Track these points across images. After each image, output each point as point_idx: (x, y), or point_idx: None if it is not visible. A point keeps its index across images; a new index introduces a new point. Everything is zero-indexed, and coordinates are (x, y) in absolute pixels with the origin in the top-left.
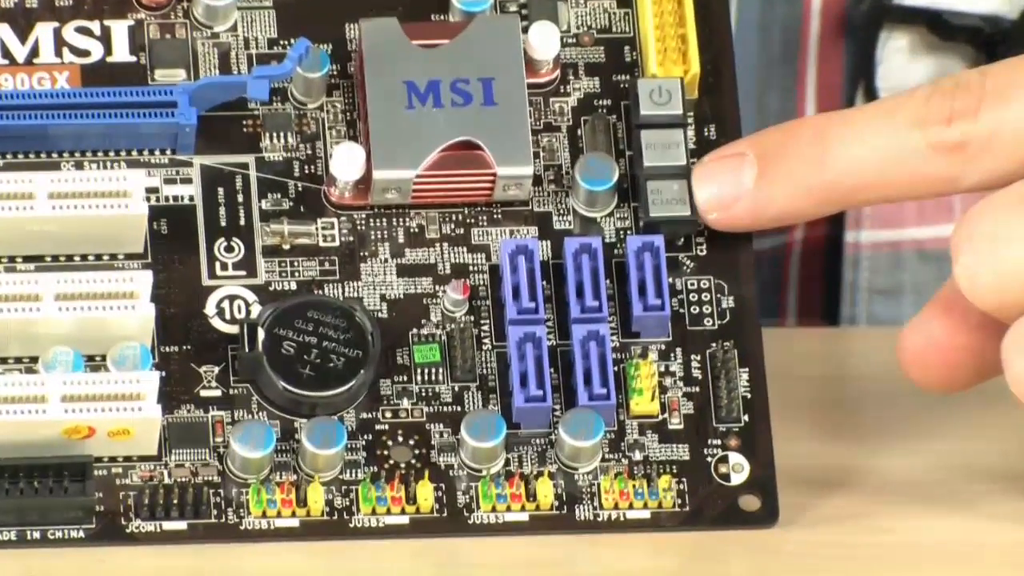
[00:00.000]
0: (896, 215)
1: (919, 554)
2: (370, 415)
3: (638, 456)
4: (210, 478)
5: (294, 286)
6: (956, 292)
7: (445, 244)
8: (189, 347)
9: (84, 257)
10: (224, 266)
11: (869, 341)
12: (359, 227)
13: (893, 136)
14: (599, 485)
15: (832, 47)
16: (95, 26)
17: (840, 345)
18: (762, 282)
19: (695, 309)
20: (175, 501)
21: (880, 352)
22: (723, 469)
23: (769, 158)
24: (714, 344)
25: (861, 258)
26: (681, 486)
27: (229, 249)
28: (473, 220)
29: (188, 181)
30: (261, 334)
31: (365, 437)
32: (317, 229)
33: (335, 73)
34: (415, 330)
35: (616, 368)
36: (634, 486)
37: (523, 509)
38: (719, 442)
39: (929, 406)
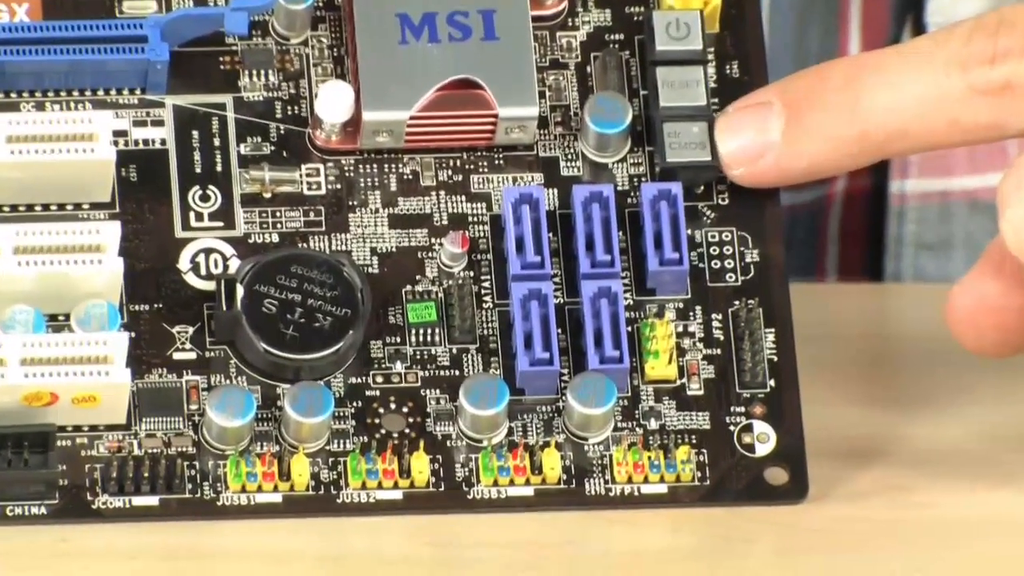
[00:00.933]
0: (945, 162)
1: (962, 530)
2: (360, 380)
3: (654, 425)
4: (184, 449)
5: (276, 238)
6: (1006, 248)
7: (442, 192)
8: (161, 305)
9: (46, 207)
10: (199, 216)
11: (909, 298)
12: (347, 173)
13: (931, 79)
14: (611, 457)
15: None
16: None
17: (877, 302)
18: (799, 238)
19: (716, 264)
20: (145, 474)
21: (921, 310)
22: (747, 439)
23: (797, 107)
24: (737, 302)
25: (907, 210)
26: (701, 458)
27: (205, 198)
28: (472, 166)
29: (159, 123)
30: (240, 291)
31: (354, 404)
32: (301, 176)
33: (321, 4)
34: (409, 287)
35: (630, 328)
36: (649, 458)
37: (528, 483)
38: (743, 409)
39: (973, 369)
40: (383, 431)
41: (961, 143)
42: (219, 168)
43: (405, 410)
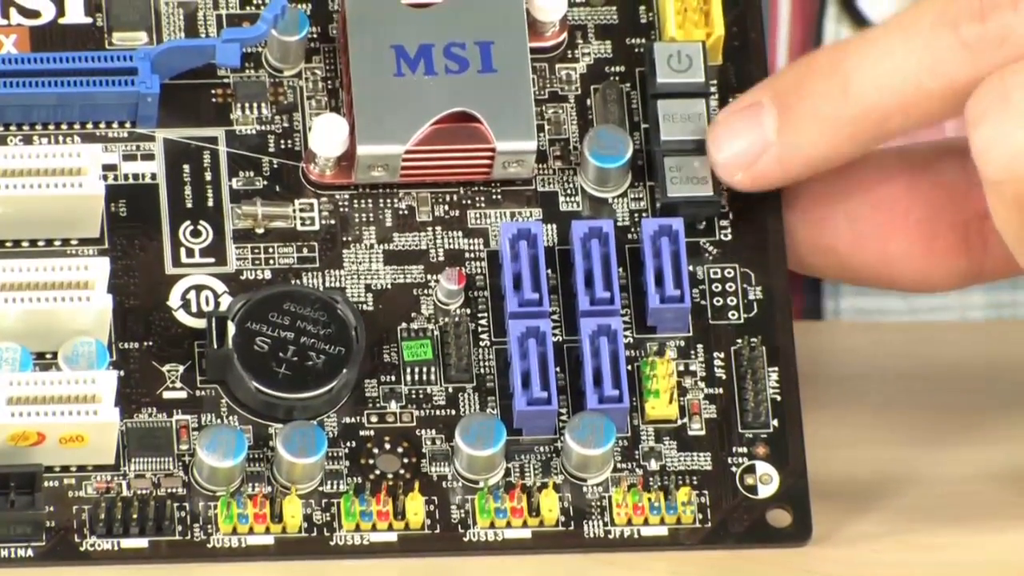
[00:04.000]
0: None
1: (969, 573)
2: (354, 419)
3: (654, 466)
4: (174, 490)
5: (268, 275)
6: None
7: (438, 228)
8: (151, 343)
9: (33, 242)
10: (190, 252)
11: (913, 335)
12: (342, 209)
13: (921, 43)
14: (610, 498)
15: None
16: None
17: (879, 340)
18: None
19: (718, 301)
20: (135, 516)
21: (926, 347)
22: (749, 480)
23: (787, 100)
24: (739, 340)
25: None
26: (702, 499)
27: (196, 233)
28: (469, 201)
29: (150, 157)
30: (231, 329)
31: (348, 444)
32: (294, 211)
33: (315, 36)
34: (404, 324)
35: (630, 367)
36: (650, 499)
37: (525, 525)
38: (745, 450)
39: (982, 407)
40: (377, 472)
41: (959, 110)
42: (210, 203)
43: (400, 450)
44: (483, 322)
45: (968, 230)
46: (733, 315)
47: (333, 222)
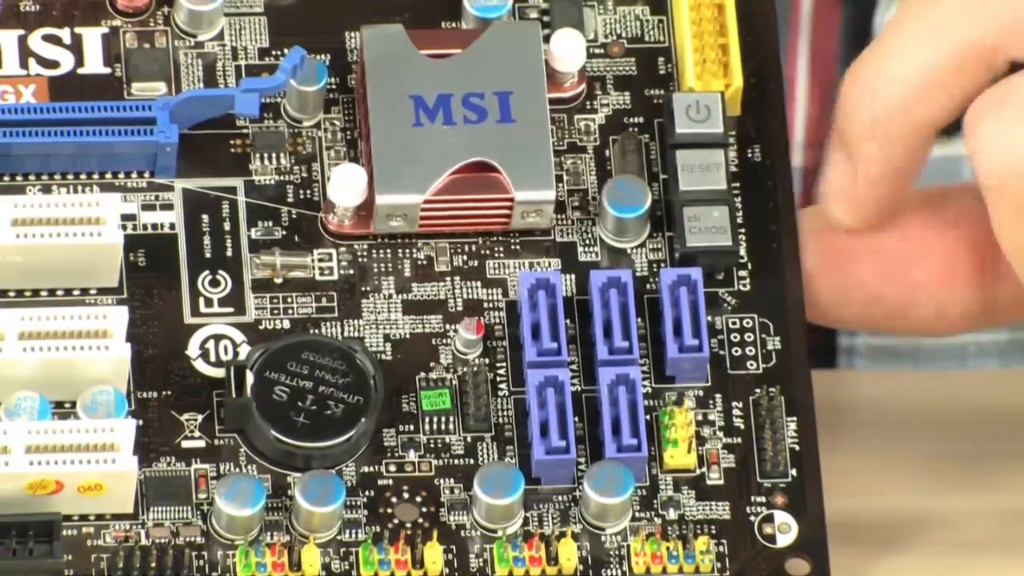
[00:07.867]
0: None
1: None
2: (372, 469)
3: (673, 515)
4: (192, 539)
5: (287, 325)
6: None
7: (456, 278)
8: (169, 392)
9: (52, 292)
10: (209, 302)
11: (929, 384)
12: (360, 259)
13: (931, 29)
14: (629, 547)
15: (827, 13)
16: (65, 34)
17: (896, 386)
18: None
19: (737, 351)
20: (153, 564)
21: (941, 396)
22: (768, 529)
23: (840, 136)
24: (758, 390)
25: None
26: (721, 548)
27: (214, 283)
28: (488, 251)
29: (169, 207)
30: (250, 378)
31: (366, 493)
32: (313, 261)
33: (334, 86)
34: (423, 374)
35: (648, 416)
36: (668, 548)
37: (543, 574)
38: (764, 499)
39: (996, 454)
40: (396, 521)
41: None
42: (229, 253)
43: (418, 499)
44: (501, 372)
45: (984, 261)
46: (751, 365)
47: (352, 272)
